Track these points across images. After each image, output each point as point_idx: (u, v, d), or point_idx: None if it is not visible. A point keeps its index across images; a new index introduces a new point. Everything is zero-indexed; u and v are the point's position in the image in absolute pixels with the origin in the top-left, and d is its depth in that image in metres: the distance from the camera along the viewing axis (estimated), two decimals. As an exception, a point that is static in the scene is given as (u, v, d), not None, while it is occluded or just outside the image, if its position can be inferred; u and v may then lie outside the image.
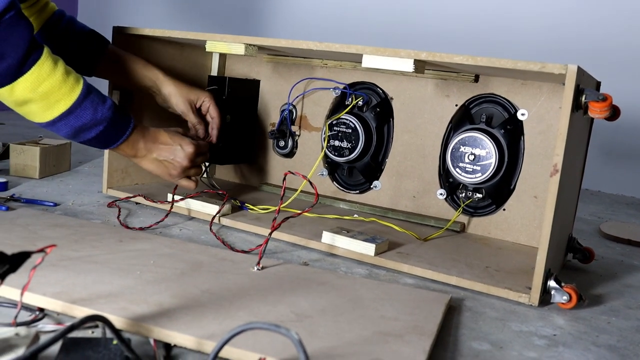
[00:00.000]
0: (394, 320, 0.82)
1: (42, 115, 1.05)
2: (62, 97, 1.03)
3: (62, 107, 1.04)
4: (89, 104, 1.06)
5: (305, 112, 1.56)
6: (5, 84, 0.99)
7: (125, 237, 1.07)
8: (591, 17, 2.45)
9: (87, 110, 1.06)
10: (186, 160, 1.21)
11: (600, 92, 0.98)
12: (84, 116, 1.06)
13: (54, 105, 1.03)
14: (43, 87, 1.01)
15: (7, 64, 0.96)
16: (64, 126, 1.07)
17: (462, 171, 1.31)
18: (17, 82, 0.99)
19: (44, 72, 1.00)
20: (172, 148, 1.20)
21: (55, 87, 1.02)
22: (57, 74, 1.02)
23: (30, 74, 0.99)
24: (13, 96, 1.01)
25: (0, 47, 0.95)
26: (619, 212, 2.03)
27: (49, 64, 1.01)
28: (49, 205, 1.28)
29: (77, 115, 1.06)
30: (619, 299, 1.08)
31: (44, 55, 1.00)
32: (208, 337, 0.69)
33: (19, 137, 2.06)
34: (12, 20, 0.95)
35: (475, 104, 1.36)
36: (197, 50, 1.57)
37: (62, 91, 1.03)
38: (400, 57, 1.08)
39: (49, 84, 1.01)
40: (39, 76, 1.00)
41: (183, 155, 1.20)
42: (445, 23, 2.71)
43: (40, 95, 1.01)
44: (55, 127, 1.07)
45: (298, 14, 3.08)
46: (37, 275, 0.76)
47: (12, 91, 1.00)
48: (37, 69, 1.00)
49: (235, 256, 1.03)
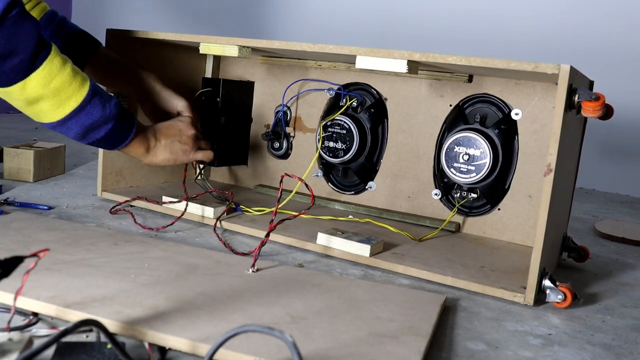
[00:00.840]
0: (389, 321, 0.82)
1: (53, 114, 1.03)
2: (73, 93, 1.02)
3: (73, 104, 1.02)
4: (97, 101, 1.05)
5: (300, 114, 1.56)
6: (18, 81, 0.97)
7: (120, 240, 1.06)
8: (585, 17, 2.45)
9: (96, 107, 1.05)
10: (192, 129, 1.24)
11: (594, 91, 0.99)
12: (94, 113, 1.05)
13: (65, 102, 1.01)
14: (55, 83, 0.99)
15: (19, 60, 0.95)
16: (75, 124, 1.05)
17: (457, 171, 1.31)
18: (30, 78, 0.97)
19: (55, 68, 0.99)
20: (174, 124, 1.23)
21: (66, 82, 1.00)
22: (67, 70, 1.01)
23: (42, 69, 0.97)
24: (25, 93, 0.98)
25: (10, 44, 0.93)
26: (614, 210, 2.03)
27: (58, 60, 1.00)
28: (43, 208, 1.28)
29: (88, 113, 1.04)
30: (613, 298, 1.08)
31: (53, 51, 0.99)
32: (203, 340, 0.69)
33: (13, 141, 2.05)
34: (18, 16, 0.94)
35: (469, 104, 1.36)
36: (191, 52, 1.57)
37: (73, 87, 1.01)
38: (393, 58, 1.08)
39: (60, 79, 0.99)
40: (51, 72, 0.98)
41: (186, 126, 1.24)
42: (439, 23, 2.71)
43: (52, 91, 0.99)
44: (65, 127, 1.05)
45: (292, 15, 3.08)
46: (31, 279, 0.76)
47: (24, 88, 0.98)
48: (49, 64, 0.98)
49: (230, 258, 1.03)
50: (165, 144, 1.20)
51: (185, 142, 1.23)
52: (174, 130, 1.22)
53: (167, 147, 1.20)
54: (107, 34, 1.38)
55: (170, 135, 1.21)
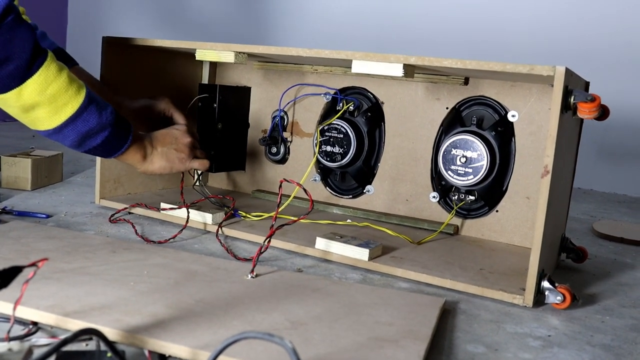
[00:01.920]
0: (389, 325, 0.82)
1: (49, 121, 1.02)
2: (69, 100, 1.01)
3: (70, 111, 1.02)
4: (94, 108, 1.04)
5: (297, 118, 1.56)
6: (14, 87, 0.96)
7: (119, 247, 1.06)
8: (580, 19, 2.46)
9: (93, 115, 1.04)
10: (188, 137, 1.25)
11: (589, 92, 0.99)
12: (91, 120, 1.04)
13: (62, 108, 1.01)
14: (51, 90, 0.99)
15: (15, 66, 0.94)
16: (71, 132, 1.04)
17: (454, 174, 1.31)
18: (26, 85, 0.96)
19: (51, 74, 0.98)
20: (170, 132, 1.23)
21: (63, 89, 1.00)
22: (63, 77, 1.00)
23: (38, 76, 0.97)
24: (21, 100, 0.98)
25: (6, 50, 0.93)
26: (612, 210, 2.04)
27: (54, 67, 0.99)
28: (41, 217, 1.28)
29: (84, 120, 1.03)
30: (612, 298, 1.09)
31: (49, 58, 0.99)
32: (202, 347, 0.69)
33: (10, 149, 2.05)
34: (13, 23, 0.94)
35: (465, 106, 1.36)
36: (187, 58, 1.57)
37: (69, 94, 1.01)
38: (389, 62, 1.08)
39: (56, 86, 0.99)
40: (47, 78, 0.98)
41: (183, 134, 1.24)
42: (434, 26, 2.71)
43: (48, 98, 0.99)
44: (61, 134, 1.04)
45: (288, 20, 3.09)
46: (30, 289, 0.76)
47: (20, 95, 0.97)
48: (45, 70, 0.98)
49: (229, 264, 1.03)
50: (161, 151, 1.20)
51: (181, 150, 1.23)
52: (170, 138, 1.22)
53: (164, 154, 1.20)
54: (104, 42, 1.38)
55: (167, 143, 1.21)
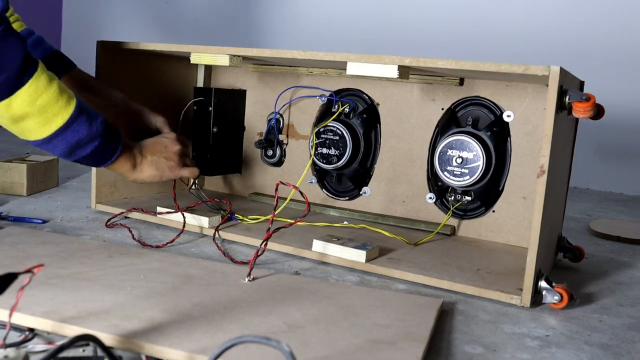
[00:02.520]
0: (386, 327, 0.81)
1: (39, 132, 1.02)
2: (59, 110, 1.01)
3: (60, 122, 1.02)
4: (84, 119, 1.05)
5: (292, 121, 1.56)
6: (4, 98, 0.96)
7: (115, 252, 1.06)
8: (574, 18, 2.47)
9: (83, 125, 1.04)
10: (177, 145, 1.24)
11: (584, 91, 0.99)
12: (81, 131, 1.04)
13: (52, 119, 1.01)
14: (41, 101, 0.98)
15: (5, 76, 0.94)
16: (61, 142, 1.04)
17: (451, 174, 1.31)
18: (15, 96, 0.96)
19: (42, 85, 0.98)
20: (159, 141, 1.23)
21: (53, 100, 1.00)
22: (53, 87, 1.00)
23: (28, 87, 0.97)
24: (10, 111, 0.98)
25: None
26: (608, 209, 2.04)
27: (45, 77, 0.99)
28: (37, 222, 1.27)
29: (74, 130, 1.04)
30: (610, 297, 1.09)
31: (39, 69, 0.99)
32: (200, 352, 0.69)
33: (6, 154, 2.04)
34: (4, 33, 0.94)
35: (461, 107, 1.36)
36: (182, 62, 1.57)
37: (59, 104, 1.01)
38: (384, 64, 1.08)
39: (47, 97, 0.99)
40: (37, 89, 0.98)
41: (172, 142, 1.24)
42: (429, 28, 2.72)
43: (38, 108, 0.99)
44: (51, 145, 1.04)
45: (283, 23, 3.09)
46: (26, 295, 0.75)
47: (10, 105, 0.97)
48: (35, 81, 0.97)
49: (226, 268, 1.03)
50: (151, 160, 1.20)
51: (171, 159, 1.23)
52: (160, 147, 1.22)
53: (153, 163, 1.20)
54: (98, 46, 1.38)
55: (156, 151, 1.21)
